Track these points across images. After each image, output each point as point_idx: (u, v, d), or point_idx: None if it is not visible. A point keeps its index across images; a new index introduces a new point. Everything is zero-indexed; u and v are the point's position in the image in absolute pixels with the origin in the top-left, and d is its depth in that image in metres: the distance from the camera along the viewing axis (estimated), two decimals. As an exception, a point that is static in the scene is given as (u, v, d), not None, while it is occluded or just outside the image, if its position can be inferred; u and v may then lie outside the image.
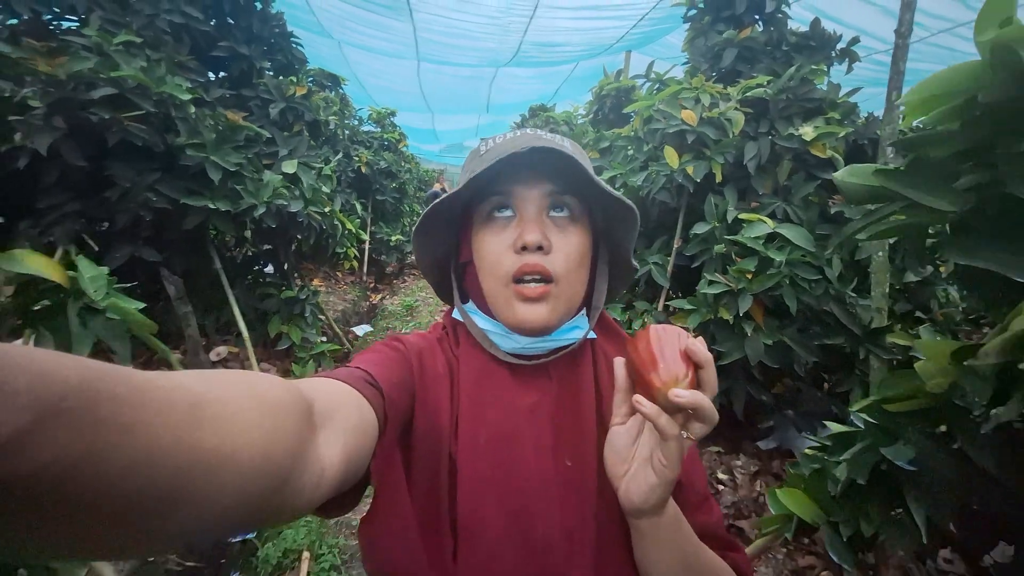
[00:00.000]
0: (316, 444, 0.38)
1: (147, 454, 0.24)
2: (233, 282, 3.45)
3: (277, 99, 3.64)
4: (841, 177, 0.92)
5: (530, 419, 0.59)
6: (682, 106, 2.77)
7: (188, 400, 0.27)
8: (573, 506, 0.56)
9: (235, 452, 0.29)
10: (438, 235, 0.65)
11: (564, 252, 0.58)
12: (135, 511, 0.24)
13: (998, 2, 0.84)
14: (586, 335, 0.63)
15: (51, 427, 0.20)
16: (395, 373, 0.56)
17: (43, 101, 2.28)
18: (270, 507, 0.33)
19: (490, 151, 0.61)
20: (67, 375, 0.21)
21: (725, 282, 2.30)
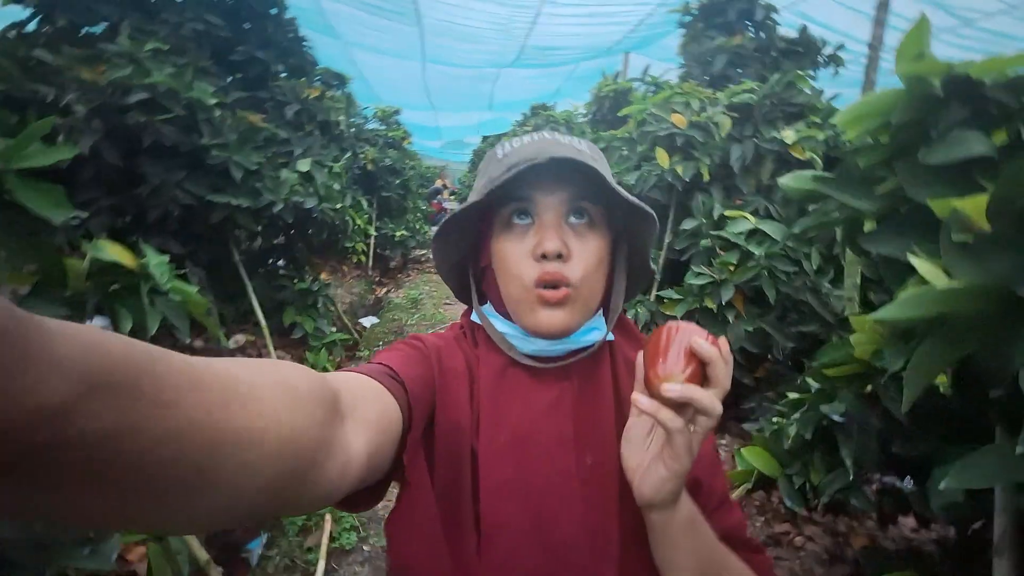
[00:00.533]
0: (343, 433, 0.39)
1: (181, 428, 0.25)
2: (251, 274, 3.65)
3: (292, 101, 3.84)
4: (785, 182, 1.12)
5: (549, 418, 0.59)
6: (673, 110, 2.97)
7: (220, 382, 0.29)
8: (596, 503, 0.57)
9: (262, 433, 0.30)
10: (456, 239, 0.66)
11: (583, 258, 0.59)
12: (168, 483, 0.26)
13: (913, 39, 1.04)
14: (604, 337, 0.64)
15: (97, 398, 0.22)
16: (416, 370, 0.57)
17: (85, 106, 2.48)
18: (295, 492, 0.34)
19: (508, 156, 0.62)
20: (112, 350, 0.23)
21: (709, 274, 2.51)
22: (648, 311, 3.00)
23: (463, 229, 0.65)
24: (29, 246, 1.16)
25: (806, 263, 2.50)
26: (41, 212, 1.11)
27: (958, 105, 0.95)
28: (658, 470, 0.52)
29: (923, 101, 1.00)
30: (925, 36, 1.02)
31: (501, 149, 0.64)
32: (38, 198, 1.13)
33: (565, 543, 0.55)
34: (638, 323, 2.98)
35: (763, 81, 3.22)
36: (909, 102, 1.01)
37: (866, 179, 1.08)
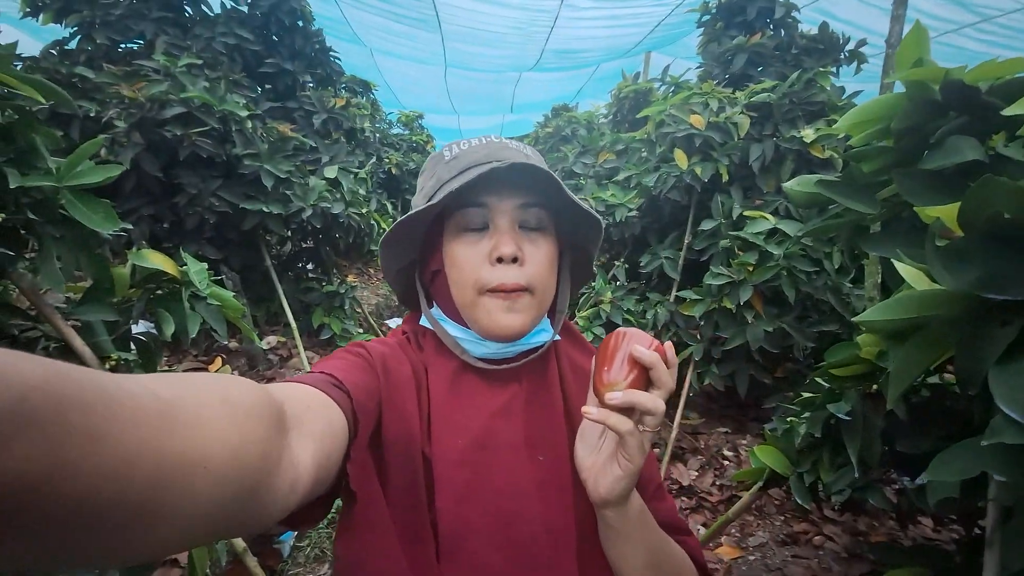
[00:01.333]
0: (289, 447, 0.38)
1: (118, 462, 0.23)
2: (280, 278, 3.80)
3: (320, 110, 3.97)
4: (789, 186, 1.15)
5: (503, 420, 0.60)
6: (692, 111, 2.98)
7: (158, 407, 0.27)
8: (552, 500, 0.58)
9: (207, 458, 0.29)
10: (403, 244, 0.66)
11: (536, 262, 0.60)
12: (110, 522, 0.24)
13: (912, 44, 1.06)
14: (552, 338, 0.66)
15: (16, 436, 0.19)
16: (360, 378, 0.55)
17: (125, 121, 2.64)
18: (245, 511, 0.33)
19: (458, 158, 0.62)
20: (26, 375, 0.20)
21: (728, 274, 2.52)
22: (667, 312, 3.02)
23: (411, 233, 0.64)
24: (82, 256, 1.27)
25: (827, 263, 2.49)
26: (93, 226, 1.22)
27: (956, 111, 0.97)
28: (613, 470, 0.53)
29: (923, 106, 1.02)
30: (923, 41, 1.04)
31: (449, 151, 0.64)
32: (90, 213, 1.23)
33: (526, 539, 0.55)
34: (657, 325, 3.00)
35: (783, 80, 3.20)
36: (909, 107, 1.03)
37: (869, 184, 1.10)
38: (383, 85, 8.29)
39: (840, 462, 1.27)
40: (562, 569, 0.56)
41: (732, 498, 2.51)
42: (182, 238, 3.09)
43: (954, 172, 0.93)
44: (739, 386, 2.73)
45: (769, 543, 2.23)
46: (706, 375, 2.84)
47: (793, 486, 1.39)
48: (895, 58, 1.06)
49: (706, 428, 3.09)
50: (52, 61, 3.11)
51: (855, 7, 4.29)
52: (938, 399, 1.16)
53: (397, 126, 7.99)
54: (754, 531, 2.32)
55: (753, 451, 1.56)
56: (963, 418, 1.07)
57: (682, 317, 2.97)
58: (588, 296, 3.22)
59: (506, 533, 0.55)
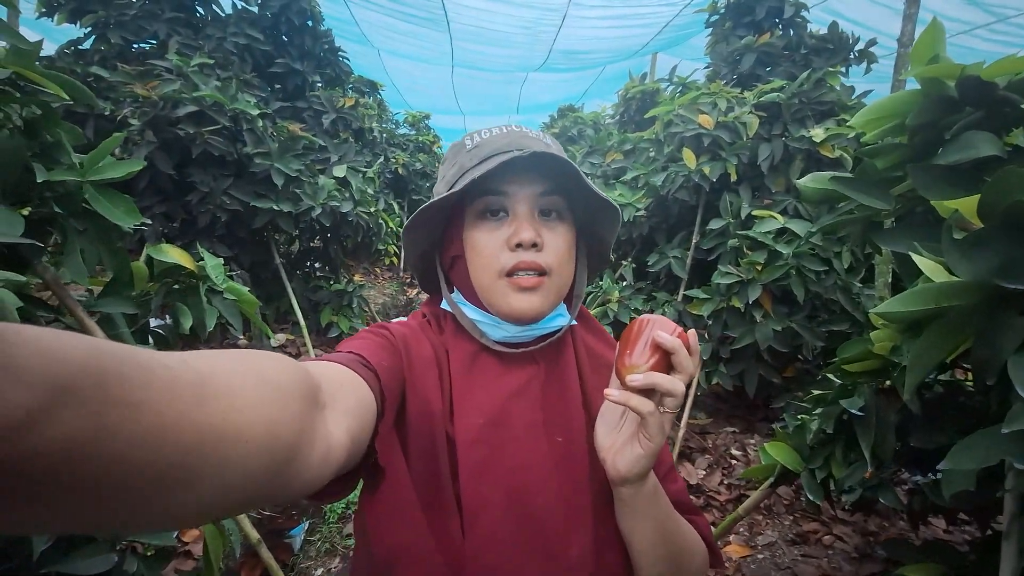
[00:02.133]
0: (323, 423, 0.39)
1: (154, 431, 0.24)
2: (289, 276, 3.83)
3: (329, 110, 3.99)
4: (803, 183, 1.16)
5: (521, 402, 0.62)
6: (700, 111, 2.98)
7: (194, 380, 0.28)
8: (568, 478, 0.60)
9: (240, 430, 0.29)
10: (426, 230, 0.67)
11: (554, 247, 0.62)
12: (145, 487, 0.25)
13: (927, 42, 1.06)
14: (569, 323, 0.68)
15: (62, 406, 0.21)
16: (385, 358, 0.57)
17: (140, 119, 2.67)
18: (279, 482, 0.34)
19: (480, 146, 0.64)
20: (74, 354, 0.22)
21: (737, 273, 2.52)
22: (675, 311, 3.02)
23: (433, 219, 0.66)
24: (104, 250, 1.29)
25: (836, 262, 2.49)
26: (115, 220, 1.24)
27: (972, 106, 0.97)
28: (633, 449, 0.55)
29: (938, 103, 1.02)
30: (940, 38, 1.05)
31: (470, 140, 0.66)
32: (112, 207, 1.25)
33: (542, 516, 0.57)
34: (665, 322, 3.00)
35: (793, 79, 3.20)
36: (924, 104, 1.03)
37: (883, 180, 1.11)
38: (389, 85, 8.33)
39: (852, 458, 1.27)
40: (576, 542, 0.58)
41: (740, 497, 2.51)
42: (193, 236, 3.11)
43: (969, 167, 0.94)
44: (748, 386, 2.73)
45: (778, 542, 2.23)
46: (714, 375, 2.84)
47: (805, 482, 1.40)
48: (910, 55, 1.06)
49: (714, 428, 3.09)
50: (67, 61, 3.15)
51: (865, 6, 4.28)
52: (952, 395, 1.17)
53: (404, 126, 8.03)
54: (763, 530, 2.32)
55: (763, 447, 1.57)
56: (977, 413, 1.08)
57: (690, 316, 2.97)
58: (596, 295, 3.23)
59: (521, 507, 0.57)
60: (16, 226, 1.07)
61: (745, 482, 2.59)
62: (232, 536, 1.61)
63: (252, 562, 2.02)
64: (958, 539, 2.15)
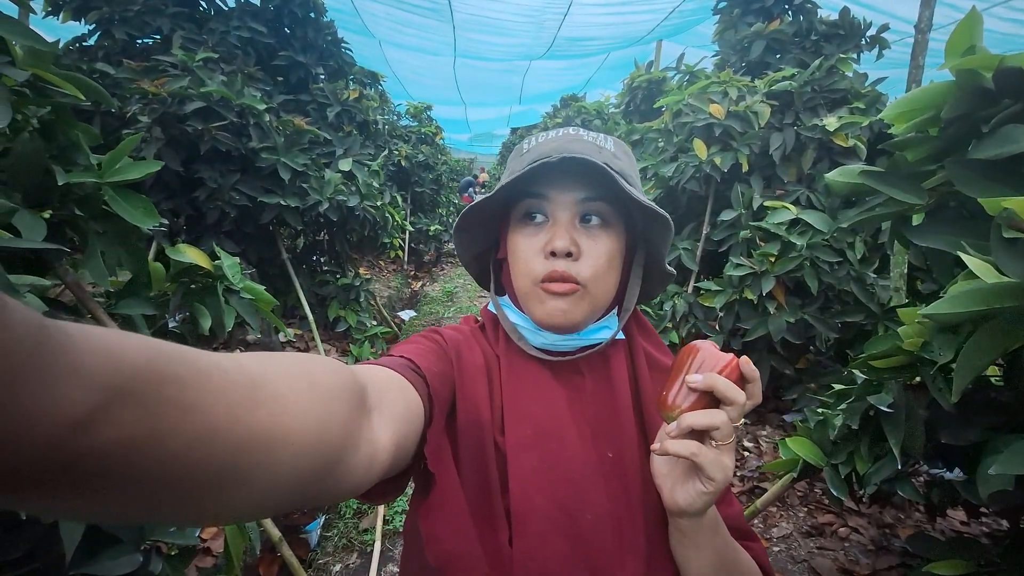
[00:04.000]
0: (369, 426, 0.40)
1: (207, 432, 0.25)
2: (296, 271, 3.82)
3: (333, 103, 3.96)
4: (831, 177, 1.14)
5: (568, 412, 0.60)
6: (710, 100, 2.95)
7: (246, 382, 0.29)
8: (619, 496, 0.58)
9: (290, 432, 0.30)
10: (478, 231, 0.68)
11: (592, 257, 0.60)
12: (197, 485, 0.26)
13: (963, 32, 1.04)
14: (614, 335, 0.65)
15: (119, 406, 0.22)
16: (435, 363, 0.57)
17: (148, 116, 2.65)
18: (324, 485, 0.34)
19: (532, 150, 0.63)
20: (134, 356, 0.23)
21: (749, 265, 2.51)
22: (686, 303, 3.01)
23: (485, 221, 0.66)
24: (123, 251, 1.28)
25: (850, 253, 2.47)
26: (134, 221, 1.22)
27: (1010, 99, 0.96)
28: (694, 484, 0.52)
29: (974, 95, 1.00)
30: (977, 29, 1.03)
31: (527, 143, 0.66)
32: (131, 208, 1.24)
33: (591, 534, 0.55)
34: (675, 316, 3.00)
35: (803, 67, 3.17)
36: (959, 96, 1.01)
37: (915, 173, 1.09)
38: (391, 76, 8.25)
39: (878, 453, 1.26)
40: (627, 565, 0.56)
41: (754, 489, 2.52)
42: (200, 232, 3.10)
43: (1008, 161, 0.92)
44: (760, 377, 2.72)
45: (793, 534, 2.24)
46: (726, 366, 2.83)
47: (828, 477, 1.40)
48: (946, 46, 1.04)
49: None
50: (72, 58, 3.12)
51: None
52: (981, 391, 1.16)
53: (406, 118, 7.98)
54: (777, 522, 2.33)
55: (783, 442, 1.57)
56: (1008, 410, 1.07)
57: (701, 308, 2.96)
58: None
59: (570, 521, 0.56)
60: (39, 231, 1.06)
61: (758, 474, 2.60)
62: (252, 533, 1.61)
63: (269, 558, 2.03)
64: (976, 531, 2.16)
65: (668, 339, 2.95)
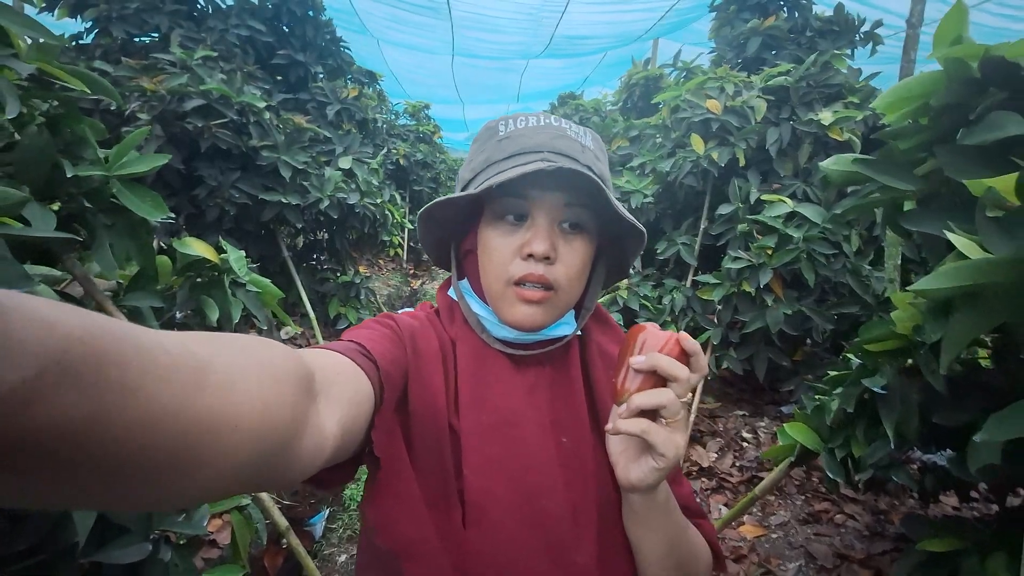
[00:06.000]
0: (316, 412, 0.39)
1: (151, 416, 0.24)
2: (296, 269, 3.84)
3: (333, 101, 3.98)
4: (825, 165, 1.17)
5: (527, 401, 0.61)
6: (707, 96, 2.98)
7: (193, 365, 0.28)
8: (575, 482, 0.59)
9: (237, 417, 0.30)
10: (446, 218, 0.67)
11: (568, 263, 0.60)
12: (141, 468, 0.25)
13: (950, 24, 1.07)
14: (573, 333, 0.66)
15: (57, 386, 0.21)
16: (388, 348, 0.56)
17: (148, 114, 2.66)
18: (271, 470, 0.34)
19: (511, 138, 0.61)
20: (70, 328, 0.22)
21: (747, 258, 2.54)
22: (684, 297, 3.04)
23: (455, 210, 0.64)
24: (131, 244, 1.30)
25: (846, 245, 2.51)
26: (142, 213, 1.24)
27: (996, 87, 0.98)
28: (647, 461, 0.54)
29: (962, 84, 1.03)
30: (963, 20, 1.05)
31: (504, 127, 0.63)
32: (139, 201, 1.26)
33: (548, 516, 0.56)
34: (674, 310, 3.03)
35: (798, 63, 3.19)
36: (948, 85, 1.04)
37: (907, 161, 1.12)
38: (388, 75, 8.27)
39: (873, 436, 1.29)
40: (583, 548, 0.57)
41: (752, 479, 2.55)
42: (201, 230, 3.12)
43: (995, 147, 0.95)
44: (758, 370, 2.75)
45: (791, 522, 2.27)
46: (724, 359, 2.87)
47: (825, 461, 1.43)
48: (934, 37, 1.07)
49: (723, 412, 3.13)
50: (69, 56, 3.13)
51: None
52: (973, 373, 1.19)
53: (404, 116, 7.99)
54: (775, 510, 2.36)
55: (782, 428, 1.59)
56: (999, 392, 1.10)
57: (699, 302, 2.99)
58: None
59: (529, 507, 0.56)
60: (49, 222, 1.08)
61: (757, 464, 2.63)
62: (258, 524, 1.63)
63: (275, 550, 2.05)
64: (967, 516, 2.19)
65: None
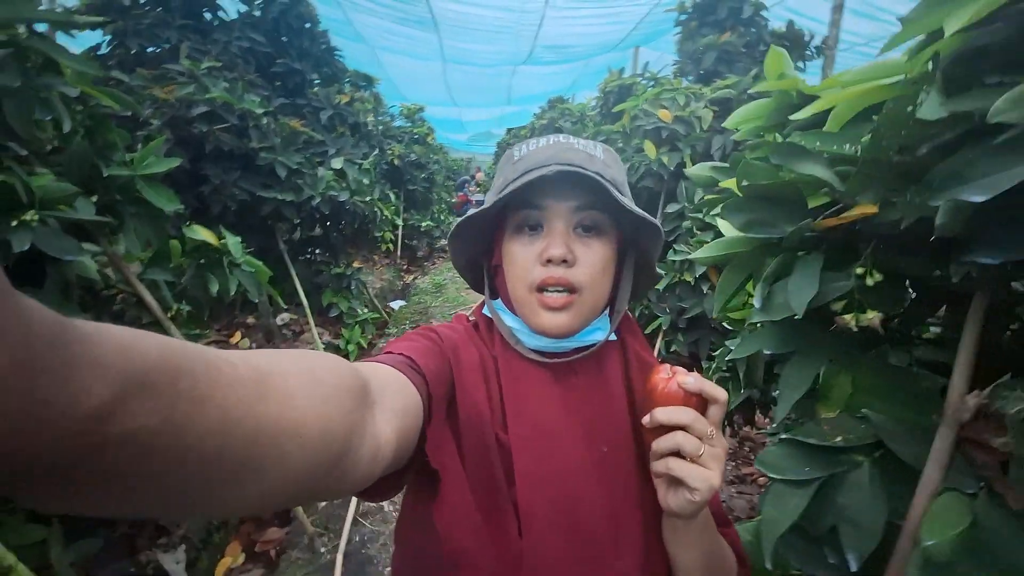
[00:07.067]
0: (373, 420, 0.41)
1: (219, 423, 0.26)
2: (293, 260, 4.17)
3: (327, 107, 4.31)
4: (691, 171, 1.50)
5: (564, 411, 0.62)
6: (662, 105, 3.30)
7: (255, 376, 0.30)
8: (617, 492, 0.60)
9: (298, 425, 0.31)
10: (472, 238, 0.69)
11: (588, 264, 0.61)
12: (210, 475, 0.27)
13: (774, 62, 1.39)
14: (607, 337, 0.67)
15: (136, 398, 0.22)
16: (433, 361, 0.57)
17: (159, 120, 3.00)
18: (332, 477, 0.36)
19: (524, 159, 0.64)
20: (148, 350, 0.24)
21: (688, 250, 2.86)
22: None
23: (479, 227, 0.68)
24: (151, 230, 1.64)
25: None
26: (161, 205, 1.58)
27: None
28: (683, 493, 0.53)
29: (784, 108, 1.36)
30: (783, 61, 1.38)
31: (518, 151, 0.67)
32: (157, 195, 1.59)
33: (591, 525, 0.58)
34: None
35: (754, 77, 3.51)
36: (774, 108, 1.37)
37: (749, 168, 1.44)
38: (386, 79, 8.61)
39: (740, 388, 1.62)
40: (625, 555, 0.59)
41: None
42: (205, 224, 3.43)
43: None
44: (701, 351, 3.08)
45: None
46: (674, 343, 3.19)
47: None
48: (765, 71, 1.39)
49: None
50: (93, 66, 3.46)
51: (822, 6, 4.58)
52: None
53: (399, 119, 8.33)
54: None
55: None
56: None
57: (655, 291, 3.31)
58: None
59: (570, 515, 0.58)
60: (90, 210, 1.42)
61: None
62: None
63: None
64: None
65: (623, 319, 3.32)
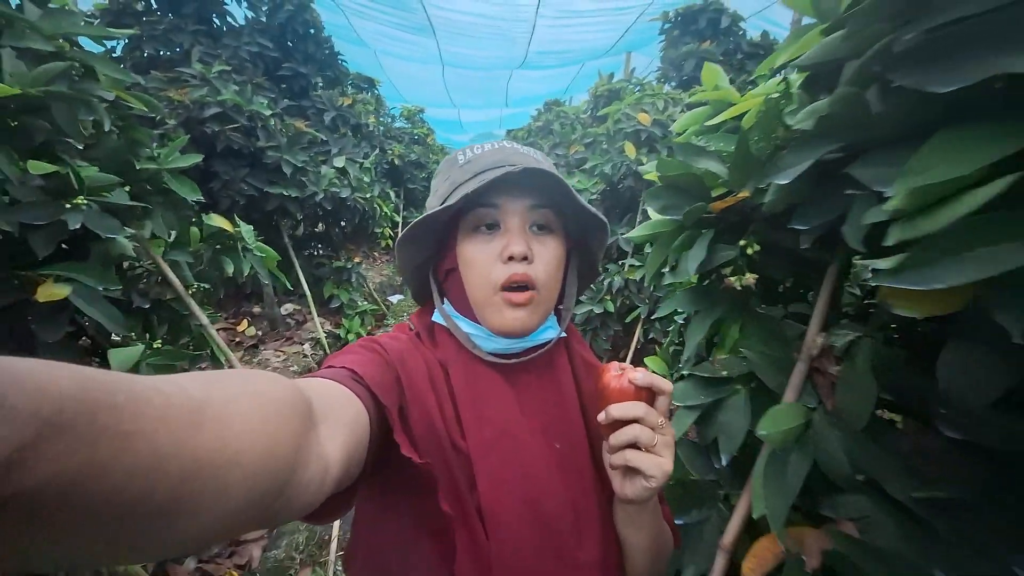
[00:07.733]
0: (318, 440, 0.40)
1: (149, 461, 0.24)
2: (296, 254, 4.41)
3: (330, 108, 4.56)
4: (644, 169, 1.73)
5: (519, 411, 0.63)
6: (642, 110, 3.54)
7: (188, 405, 0.28)
8: (574, 485, 0.62)
9: (238, 453, 0.29)
10: (421, 243, 0.67)
11: (544, 261, 0.62)
12: (142, 517, 0.25)
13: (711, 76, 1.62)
14: (559, 335, 0.68)
15: (49, 441, 0.20)
16: (378, 372, 0.56)
17: (175, 120, 3.24)
18: (277, 504, 0.34)
19: (472, 162, 0.64)
20: (62, 385, 0.21)
21: (661, 244, 3.10)
22: (622, 279, 3.60)
23: (427, 232, 0.66)
24: (174, 217, 1.87)
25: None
26: (183, 195, 1.81)
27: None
28: (640, 481, 0.56)
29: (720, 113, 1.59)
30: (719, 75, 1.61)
31: (463, 155, 0.67)
32: (181, 186, 1.83)
33: (554, 521, 0.59)
34: (612, 290, 3.58)
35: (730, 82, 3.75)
36: (712, 114, 1.60)
37: (691, 165, 1.67)
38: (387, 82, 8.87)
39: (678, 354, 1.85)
40: (586, 545, 0.61)
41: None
42: (216, 217, 3.69)
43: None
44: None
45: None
46: (651, 330, 3.42)
47: (665, 380, 1.98)
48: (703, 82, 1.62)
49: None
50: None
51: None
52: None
53: (400, 120, 8.58)
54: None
55: (644, 361, 2.15)
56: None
57: (633, 283, 3.54)
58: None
59: (535, 513, 0.59)
60: (124, 197, 1.65)
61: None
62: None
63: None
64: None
65: (605, 308, 3.55)
